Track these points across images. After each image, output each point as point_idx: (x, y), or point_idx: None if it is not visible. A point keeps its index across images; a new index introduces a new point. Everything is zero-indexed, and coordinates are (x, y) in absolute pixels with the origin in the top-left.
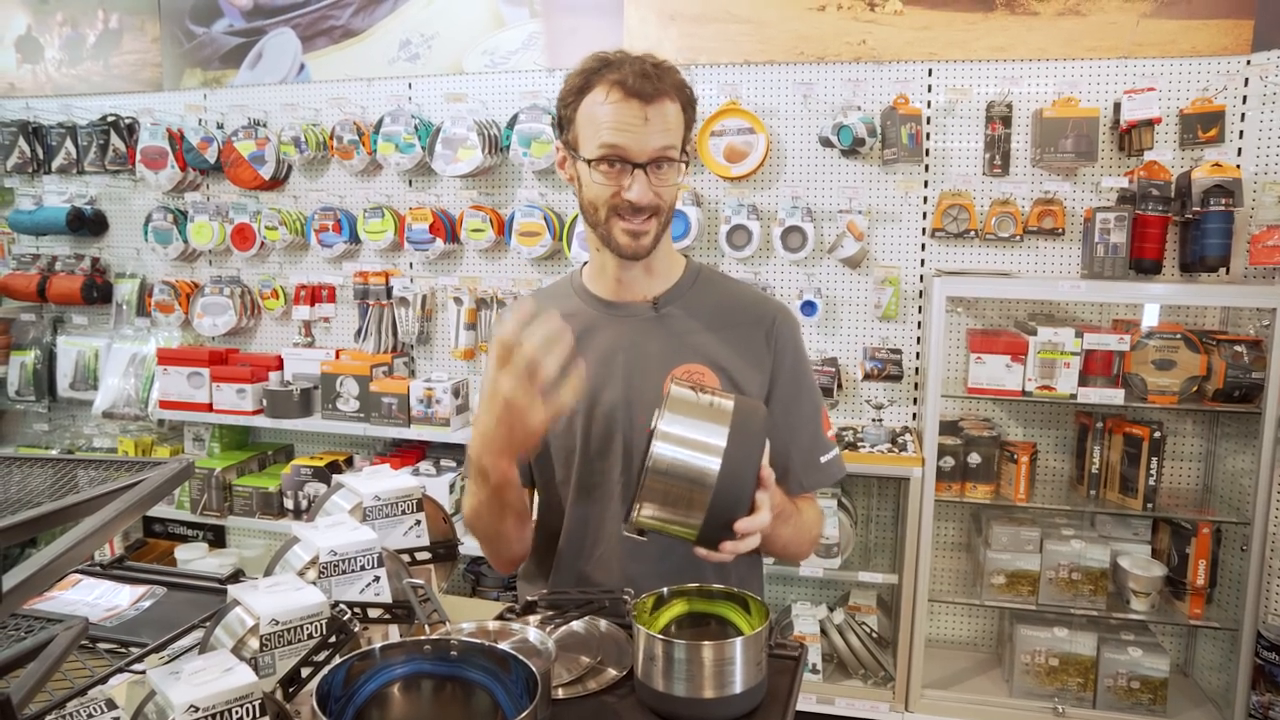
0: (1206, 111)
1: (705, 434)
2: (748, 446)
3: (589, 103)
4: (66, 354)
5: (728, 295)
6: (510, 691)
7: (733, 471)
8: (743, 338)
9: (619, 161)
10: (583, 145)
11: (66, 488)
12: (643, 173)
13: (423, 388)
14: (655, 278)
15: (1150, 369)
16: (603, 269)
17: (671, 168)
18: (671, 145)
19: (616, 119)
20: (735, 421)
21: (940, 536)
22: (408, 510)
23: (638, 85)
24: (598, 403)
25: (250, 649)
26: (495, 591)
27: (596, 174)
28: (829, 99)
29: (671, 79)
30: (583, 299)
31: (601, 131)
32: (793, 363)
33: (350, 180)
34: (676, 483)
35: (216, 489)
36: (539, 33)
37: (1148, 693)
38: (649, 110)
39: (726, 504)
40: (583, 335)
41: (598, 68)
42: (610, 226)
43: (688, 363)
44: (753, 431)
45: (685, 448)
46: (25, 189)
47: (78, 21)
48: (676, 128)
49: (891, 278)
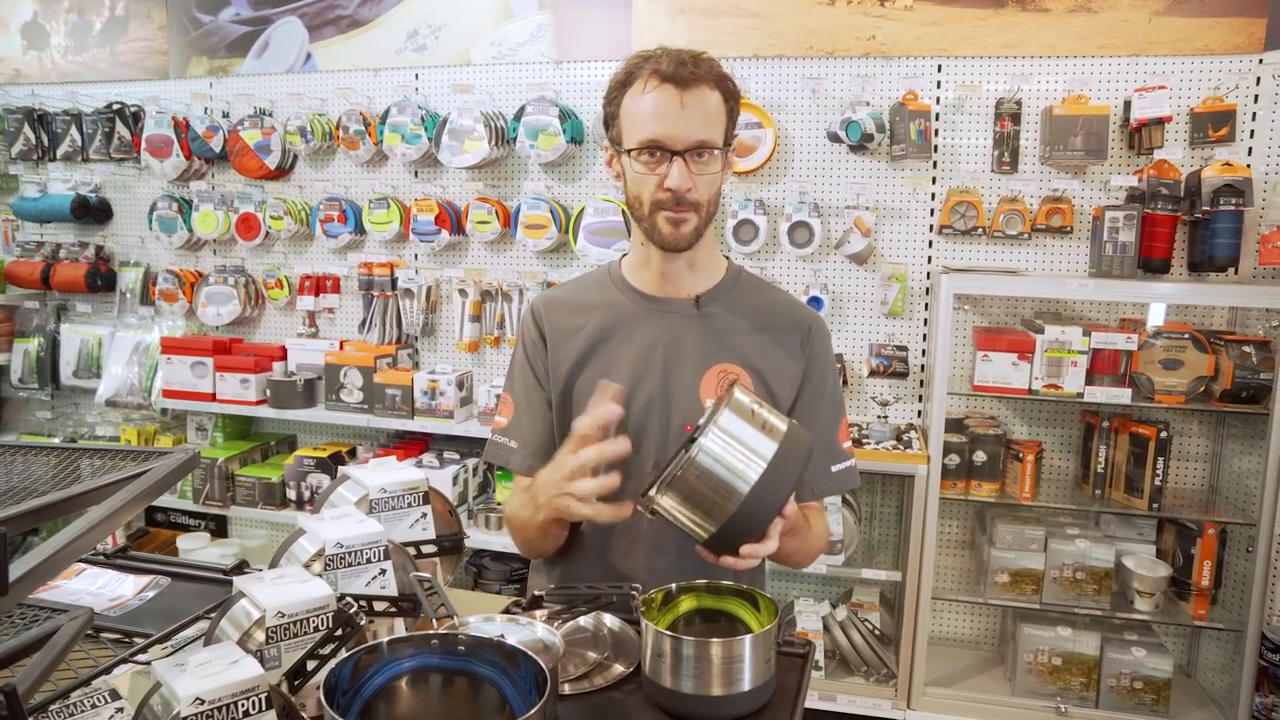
0: (1217, 110)
1: (751, 449)
2: (786, 475)
3: (630, 96)
4: (70, 342)
5: (767, 299)
6: (519, 687)
7: (763, 495)
8: (779, 342)
9: (658, 150)
10: (625, 138)
11: (70, 477)
12: (681, 160)
13: (427, 380)
14: (698, 275)
15: (1157, 369)
16: (646, 262)
17: (712, 158)
18: (711, 136)
19: (655, 108)
20: (783, 447)
21: (944, 534)
22: (414, 503)
23: (674, 71)
24: (634, 395)
25: (256, 641)
26: (498, 584)
27: (638, 164)
28: (837, 94)
29: (710, 68)
30: (622, 291)
31: (641, 122)
32: (821, 372)
33: (356, 171)
34: (706, 485)
35: (219, 479)
36: (547, 25)
37: (1151, 693)
38: (685, 96)
39: (744, 523)
40: (622, 327)
41: (639, 62)
42: (654, 218)
43: (724, 362)
44: (795, 461)
45: (728, 455)
46: (30, 176)
47: (84, 8)
48: (716, 118)
49: (898, 274)
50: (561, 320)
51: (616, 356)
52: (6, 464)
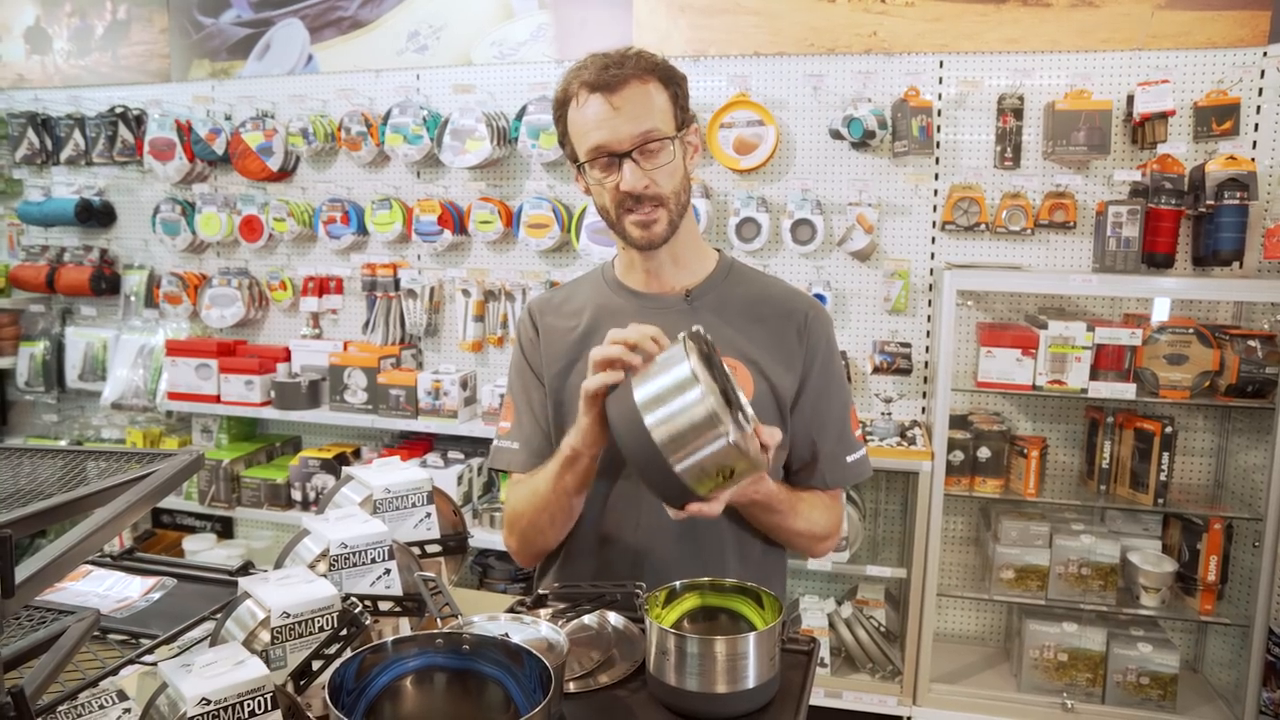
0: (1221, 104)
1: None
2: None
3: (571, 112)
4: (75, 345)
5: (760, 290)
6: (523, 686)
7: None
8: (775, 332)
9: (605, 156)
10: (578, 152)
11: (76, 479)
12: (630, 160)
13: (430, 380)
14: (684, 269)
15: (1162, 364)
16: (632, 264)
17: (662, 149)
18: (652, 128)
19: (592, 118)
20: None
21: (949, 531)
22: (418, 503)
23: (599, 78)
24: None
25: (261, 642)
26: (503, 584)
27: (594, 175)
28: (839, 91)
29: (637, 62)
30: (614, 290)
31: (584, 133)
32: (824, 359)
33: (358, 172)
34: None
35: (224, 480)
36: (548, 24)
37: (1157, 688)
38: (615, 99)
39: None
40: (613, 325)
41: (571, 77)
42: (623, 223)
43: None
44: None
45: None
46: (34, 180)
47: (86, 12)
48: (656, 108)
49: (901, 271)
50: (555, 321)
51: None
52: (13, 467)
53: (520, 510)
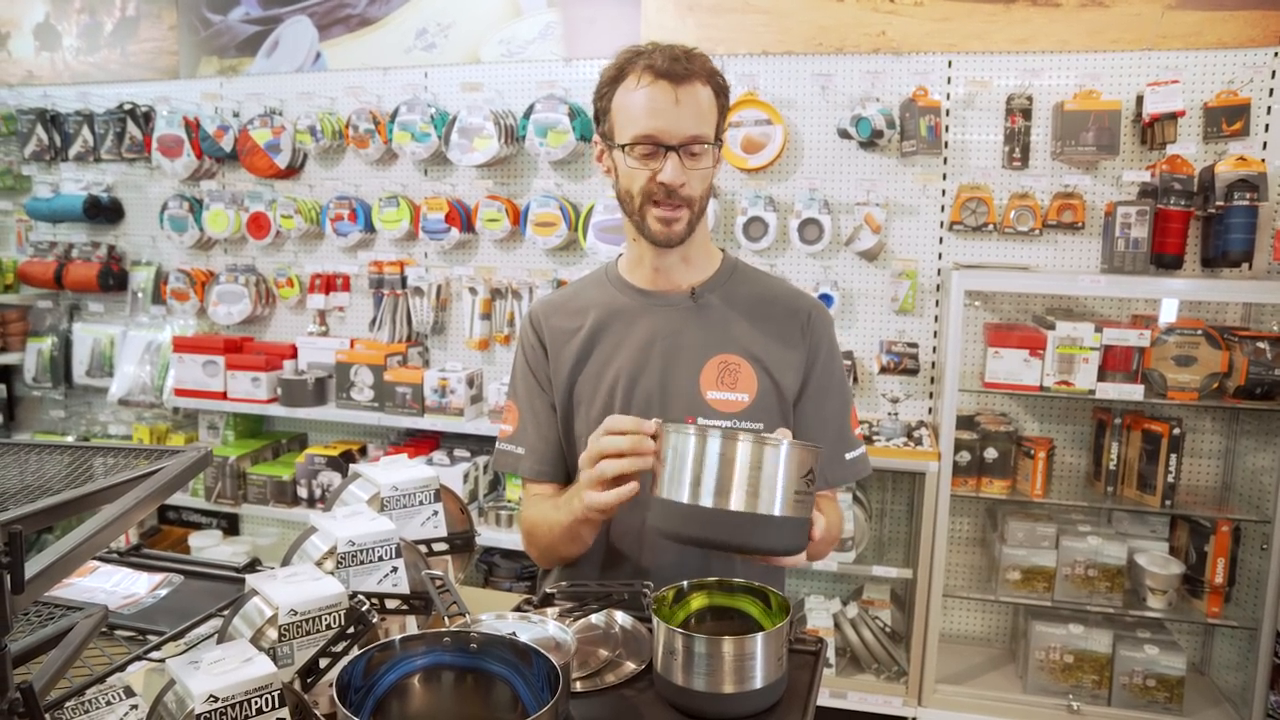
0: (1231, 105)
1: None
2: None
3: (622, 91)
4: (83, 341)
5: (764, 288)
6: (531, 685)
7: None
8: (778, 331)
9: (652, 144)
10: (618, 133)
11: (83, 475)
12: (675, 155)
13: (437, 377)
14: (692, 268)
15: (1170, 365)
16: (640, 259)
17: (704, 153)
18: (704, 131)
19: (649, 103)
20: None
21: (955, 531)
22: (425, 500)
23: (668, 67)
24: (634, 390)
25: (269, 639)
26: (508, 582)
27: (631, 159)
28: (847, 90)
29: (703, 64)
30: (619, 288)
31: (635, 117)
32: (826, 358)
33: (366, 169)
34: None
35: (230, 477)
36: (556, 22)
37: (1164, 691)
38: (679, 92)
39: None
40: (619, 323)
41: (630, 57)
42: (645, 213)
43: (724, 353)
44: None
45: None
46: (43, 177)
47: (95, 9)
48: (709, 113)
49: (909, 271)
50: (559, 323)
51: (614, 351)
52: (20, 463)
53: (538, 531)
